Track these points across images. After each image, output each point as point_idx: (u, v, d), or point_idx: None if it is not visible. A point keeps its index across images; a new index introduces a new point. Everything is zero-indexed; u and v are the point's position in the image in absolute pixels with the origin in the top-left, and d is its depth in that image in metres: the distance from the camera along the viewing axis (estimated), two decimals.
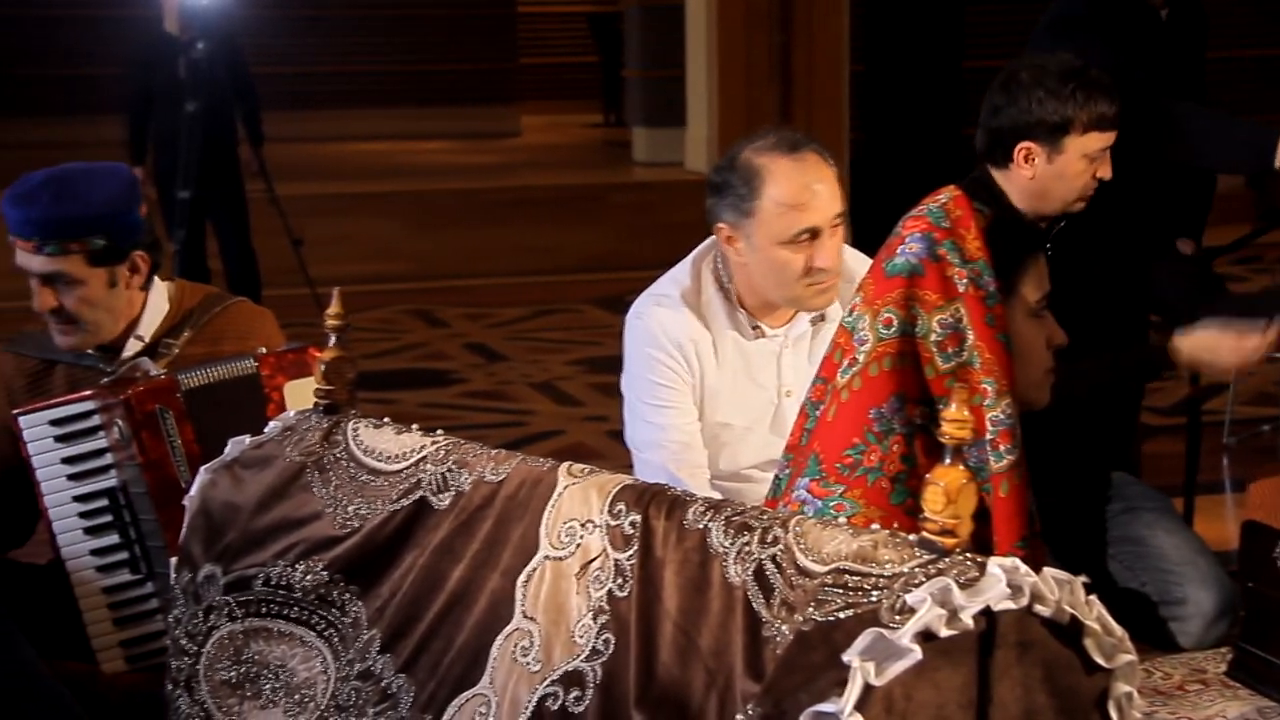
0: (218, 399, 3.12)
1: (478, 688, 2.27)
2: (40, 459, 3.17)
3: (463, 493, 2.38)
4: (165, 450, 3.10)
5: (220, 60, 7.13)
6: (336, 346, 2.60)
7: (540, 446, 5.64)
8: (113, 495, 3.16)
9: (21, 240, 3.17)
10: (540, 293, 9.07)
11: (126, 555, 3.17)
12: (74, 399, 3.18)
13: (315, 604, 2.45)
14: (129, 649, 3.20)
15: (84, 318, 3.21)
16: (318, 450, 2.54)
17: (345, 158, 12.62)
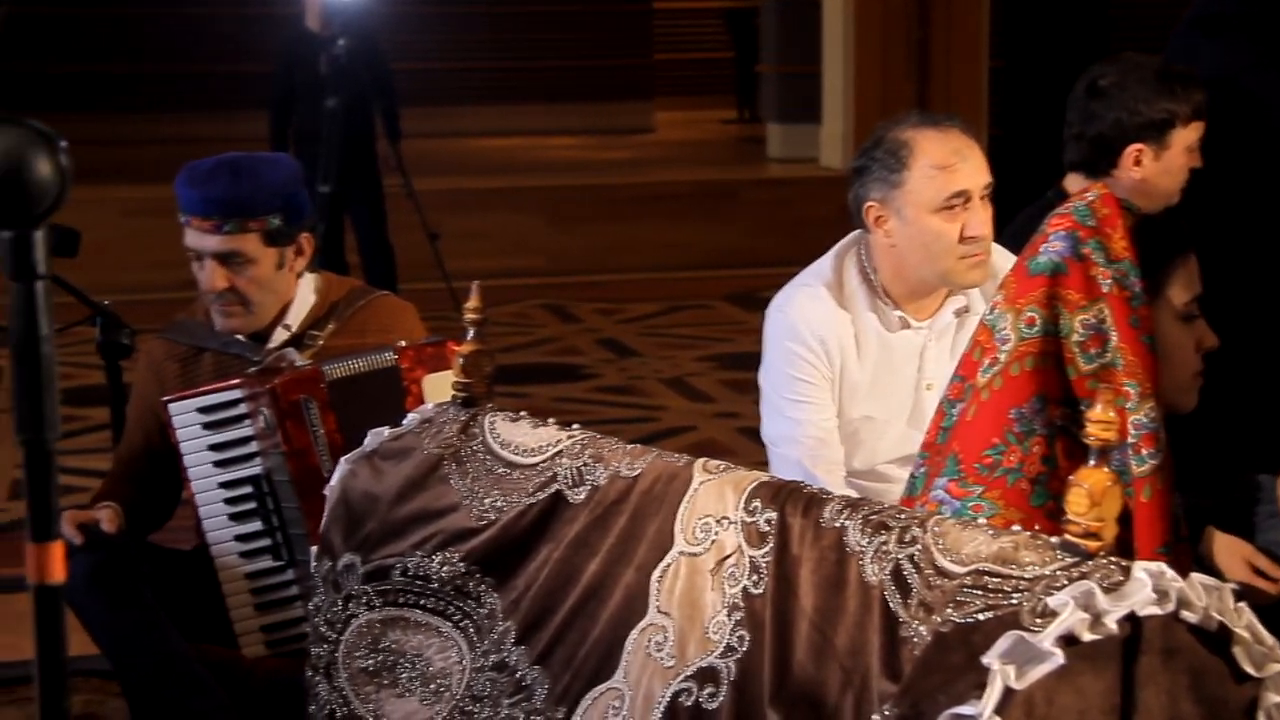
0: (359, 390, 3.16)
1: (611, 682, 2.28)
2: (188, 445, 3.23)
3: (598, 487, 2.38)
4: (309, 440, 3.14)
5: (361, 57, 7.23)
6: (475, 340, 2.62)
7: (671, 442, 5.64)
8: (257, 482, 3.21)
9: (199, 219, 3.23)
10: (673, 289, 9.07)
11: (269, 542, 3.23)
12: (221, 387, 3.24)
13: (451, 595, 2.47)
14: (269, 634, 3.25)
15: (252, 298, 3.28)
16: (455, 443, 2.56)
17: (481, 153, 12.72)
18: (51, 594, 1.16)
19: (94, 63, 13.02)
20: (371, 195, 7.61)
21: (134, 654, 3.13)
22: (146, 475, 3.40)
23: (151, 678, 3.11)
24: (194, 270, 3.31)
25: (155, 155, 10.90)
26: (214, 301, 3.28)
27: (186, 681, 3.12)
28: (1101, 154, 3.49)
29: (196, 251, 3.27)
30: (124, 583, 3.13)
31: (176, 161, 3.36)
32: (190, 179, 3.26)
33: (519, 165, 11.98)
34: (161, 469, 3.38)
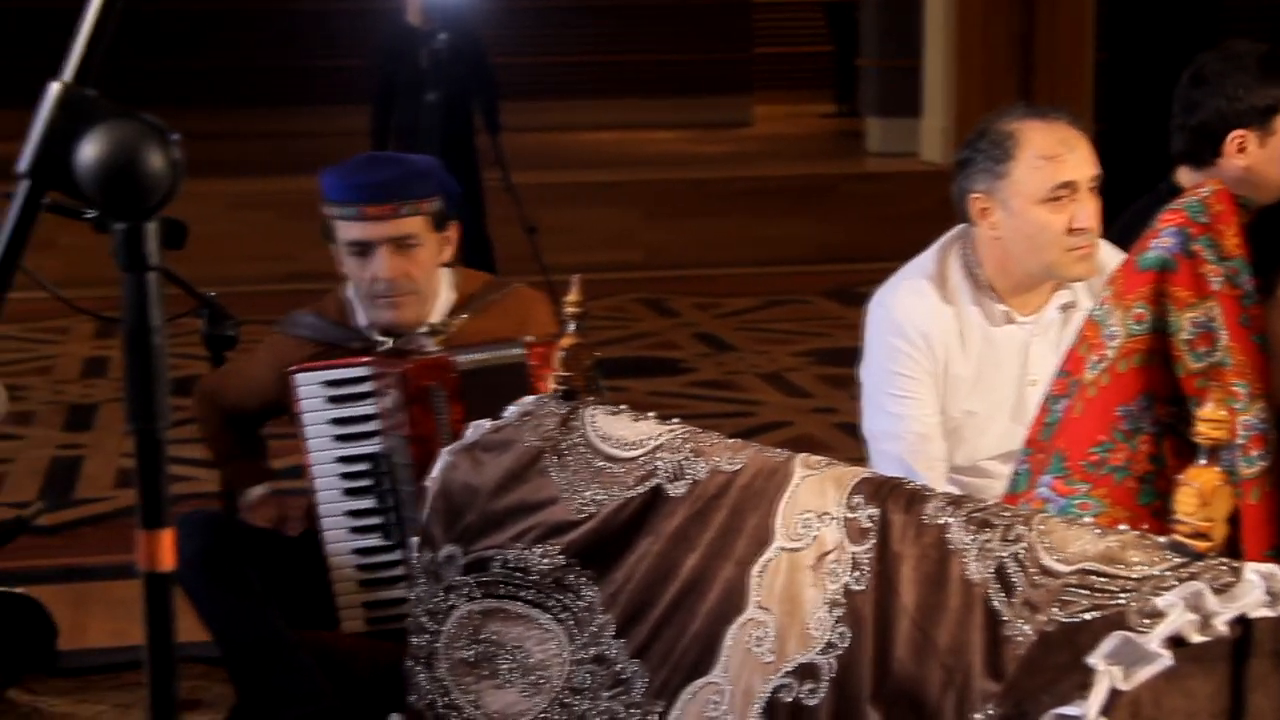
0: (487, 382, 3.16)
1: (710, 676, 2.27)
2: (310, 416, 3.26)
3: (698, 481, 2.38)
4: (434, 426, 3.15)
5: (461, 51, 7.26)
6: (575, 334, 2.62)
7: (767, 437, 5.62)
8: (375, 461, 3.24)
9: (374, 206, 3.24)
10: (770, 284, 9.04)
11: (380, 520, 3.25)
12: (351, 363, 3.26)
13: (551, 587, 2.48)
14: (370, 611, 3.27)
15: (420, 285, 3.29)
16: (555, 436, 2.56)
17: (579, 147, 12.75)
18: (161, 581, 1.18)
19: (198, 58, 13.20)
20: (471, 189, 7.64)
21: (239, 637, 3.17)
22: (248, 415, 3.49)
23: (256, 661, 3.15)
24: (348, 268, 3.30)
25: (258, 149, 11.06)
26: (383, 293, 3.28)
27: (290, 666, 3.15)
28: (1204, 143, 3.43)
29: (364, 243, 3.26)
30: (231, 567, 3.17)
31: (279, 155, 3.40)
32: (353, 169, 3.29)
33: (617, 159, 12.00)
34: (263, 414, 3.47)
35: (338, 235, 3.31)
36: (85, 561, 4.50)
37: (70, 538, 4.88)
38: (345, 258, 3.31)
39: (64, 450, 5.88)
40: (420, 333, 3.35)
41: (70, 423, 6.30)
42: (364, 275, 3.28)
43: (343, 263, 3.33)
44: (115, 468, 5.64)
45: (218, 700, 3.46)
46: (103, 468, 5.65)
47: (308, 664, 3.16)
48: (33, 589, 3.83)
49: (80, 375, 7.12)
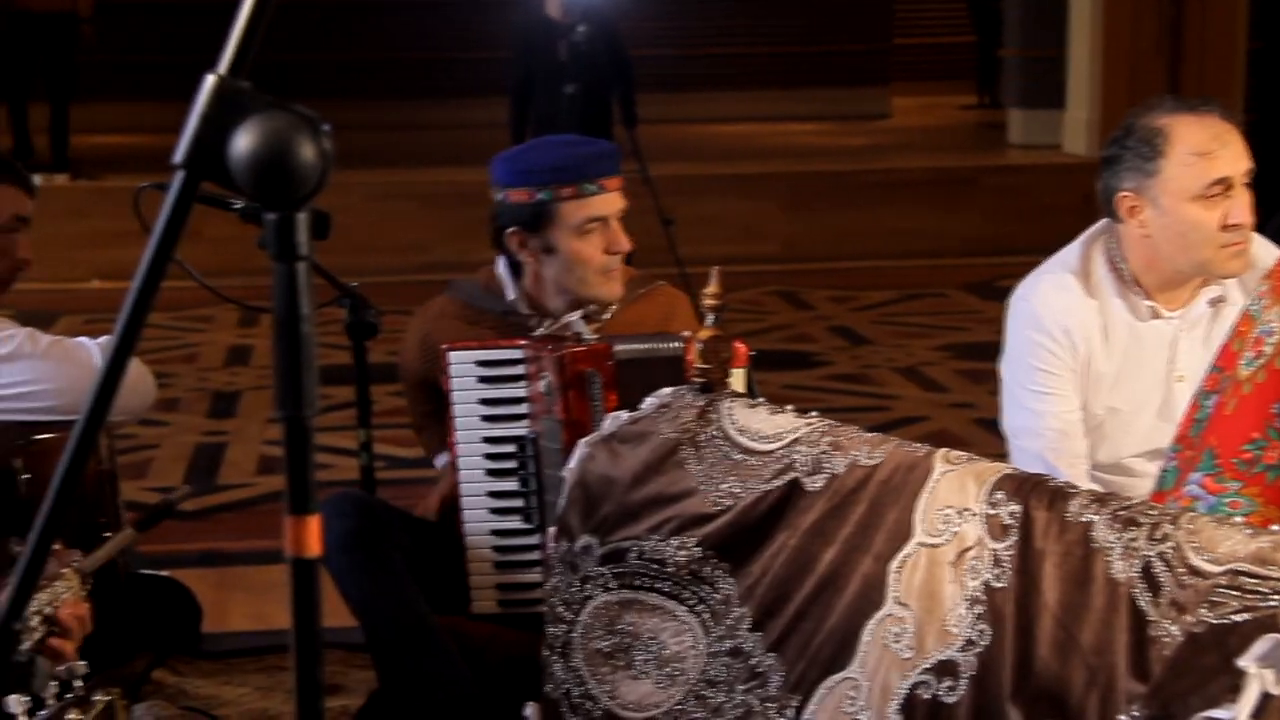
0: (644, 374, 3.16)
1: (847, 671, 2.26)
2: (459, 395, 3.28)
3: (836, 475, 2.36)
4: (589, 413, 3.16)
5: (600, 43, 7.28)
6: (713, 326, 2.62)
7: (904, 432, 5.57)
8: (521, 443, 3.25)
9: (611, 178, 3.29)
10: (908, 277, 8.96)
11: (522, 503, 3.26)
12: (505, 344, 3.28)
13: (687, 579, 2.48)
14: (503, 593, 3.28)
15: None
16: (693, 428, 2.56)
17: (715, 139, 12.74)
18: (307, 567, 1.19)
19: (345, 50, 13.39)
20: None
21: (383, 619, 3.20)
22: None
23: (399, 643, 3.19)
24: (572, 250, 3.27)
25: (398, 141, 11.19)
26: (615, 266, 3.30)
27: (432, 651, 3.18)
28: None
29: (605, 218, 3.28)
30: (377, 548, 3.21)
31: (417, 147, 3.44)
32: (569, 146, 3.34)
33: (754, 151, 11.96)
34: None
35: (563, 218, 3.27)
36: (227, 546, 4.58)
37: (213, 523, 4.97)
38: (573, 240, 3.25)
39: (208, 437, 6.00)
40: (574, 317, 3.37)
41: (214, 410, 6.41)
42: (595, 252, 3.27)
43: (557, 248, 3.31)
44: (257, 454, 5.74)
45: (357, 686, 3.50)
46: (245, 454, 5.75)
47: (449, 649, 3.19)
48: (176, 572, 3.91)
49: (224, 363, 7.25)
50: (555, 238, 3.28)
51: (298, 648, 1.19)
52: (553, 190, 3.26)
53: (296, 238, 1.14)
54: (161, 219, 1.16)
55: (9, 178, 3.30)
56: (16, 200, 3.31)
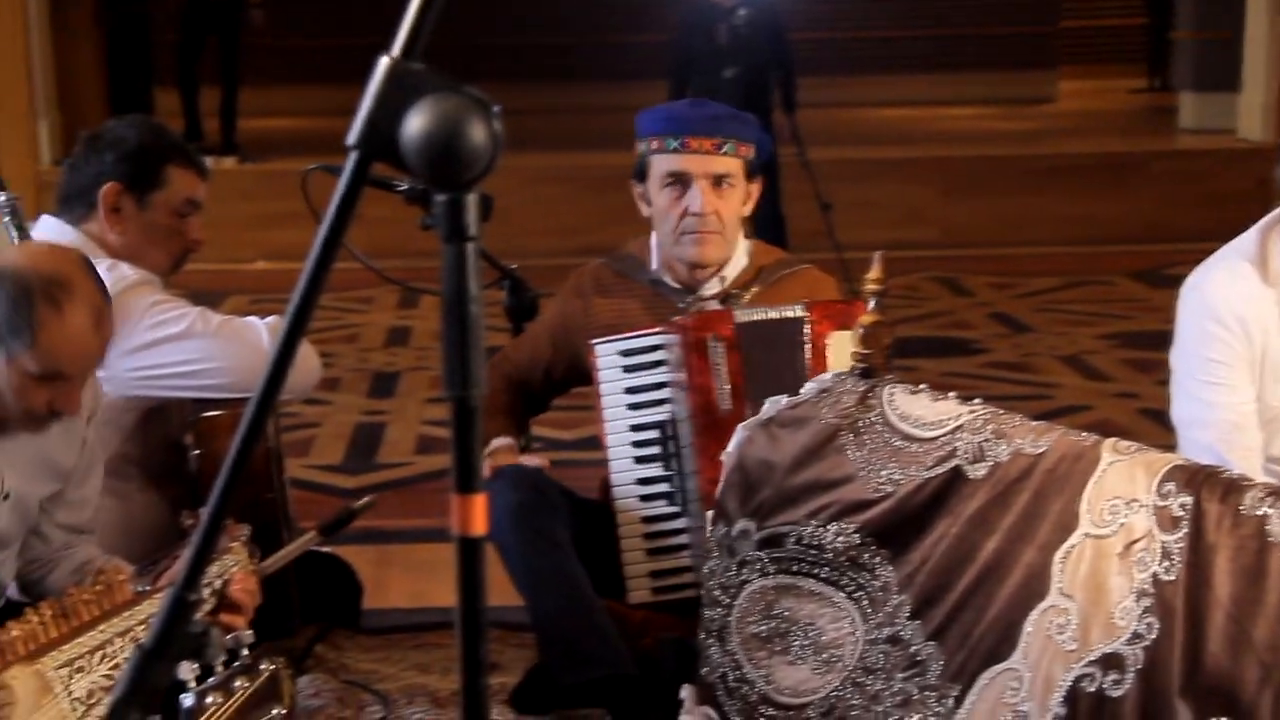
0: (765, 336, 3.19)
1: (1009, 662, 2.23)
2: (607, 387, 3.33)
3: (1000, 463, 2.33)
4: (710, 377, 3.19)
5: (761, 27, 7.26)
6: (875, 311, 2.60)
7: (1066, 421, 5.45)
8: (663, 428, 3.28)
9: (700, 139, 3.31)
10: (1071, 263, 8.80)
11: (667, 487, 3.28)
12: (644, 332, 3.32)
13: (845, 565, 2.46)
14: (656, 580, 3.30)
15: (726, 227, 3.35)
16: (853, 413, 2.54)
17: (877, 123, 12.63)
18: (473, 545, 1.19)
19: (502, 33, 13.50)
20: (766, 165, 7.63)
21: (547, 595, 3.23)
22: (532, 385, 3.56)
23: (561, 618, 3.21)
24: (658, 204, 3.36)
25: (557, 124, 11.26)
26: (692, 229, 3.33)
27: (594, 628, 3.20)
28: None
29: (683, 175, 3.32)
30: (543, 523, 3.24)
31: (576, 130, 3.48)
32: (679, 106, 3.38)
33: (915, 135, 11.84)
34: (544, 385, 3.54)
35: (652, 169, 3.37)
36: (386, 525, 4.64)
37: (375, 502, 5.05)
38: (657, 193, 3.36)
39: (368, 416, 6.09)
40: (709, 293, 3.38)
41: (374, 389, 6.51)
42: (675, 209, 3.33)
43: (651, 200, 3.38)
44: (416, 434, 5.81)
45: (513, 664, 3.53)
46: (404, 434, 5.83)
47: (610, 628, 3.21)
48: (338, 549, 3.97)
49: (384, 344, 7.36)
50: (650, 190, 3.36)
51: (463, 624, 1.20)
52: (648, 142, 3.38)
53: (466, 219, 1.15)
54: (335, 199, 1.18)
55: (184, 162, 3.39)
56: (191, 184, 3.39)
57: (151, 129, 3.41)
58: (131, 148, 3.33)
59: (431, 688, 3.54)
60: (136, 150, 3.33)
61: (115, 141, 3.34)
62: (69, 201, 3.36)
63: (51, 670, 2.23)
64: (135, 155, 3.33)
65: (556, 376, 3.55)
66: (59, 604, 2.31)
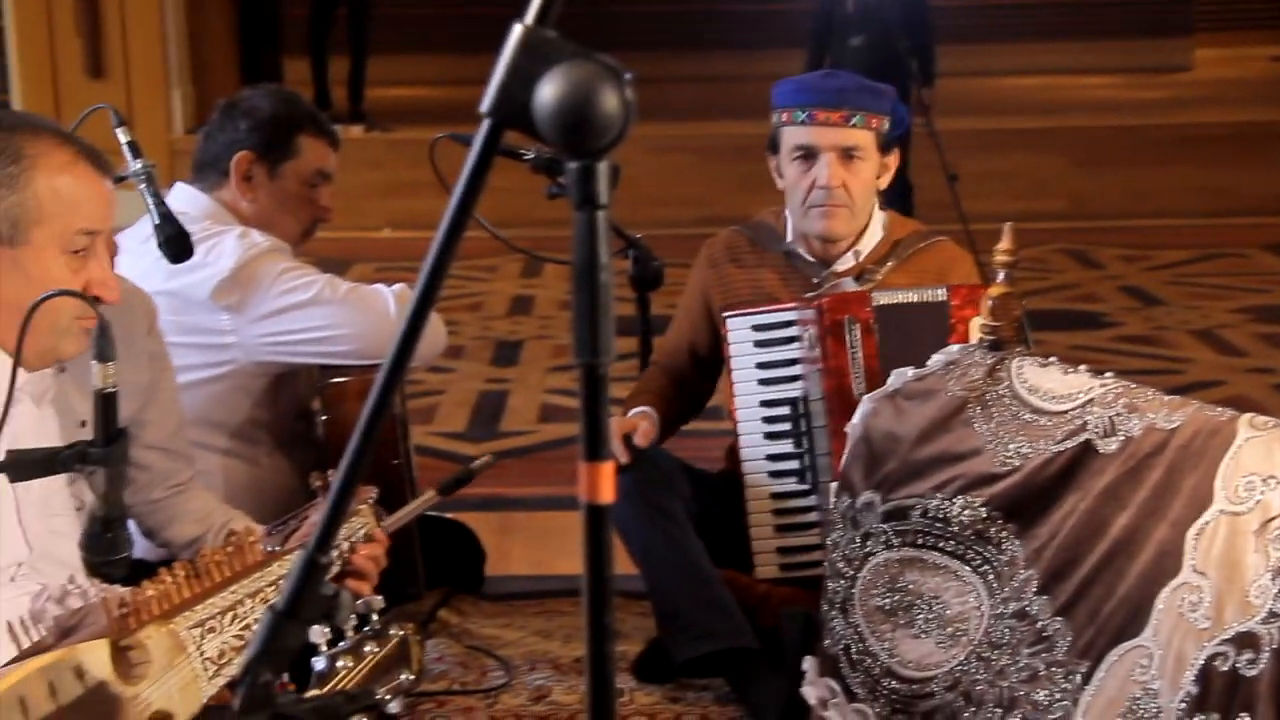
0: (904, 320, 3.16)
1: (1139, 639, 2.19)
2: (738, 361, 3.32)
3: (1132, 438, 2.29)
4: (846, 360, 3.16)
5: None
6: (1005, 282, 2.56)
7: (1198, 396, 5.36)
8: (794, 405, 3.27)
9: (827, 110, 3.30)
10: (1205, 236, 8.62)
11: (797, 465, 3.27)
12: (777, 308, 3.31)
13: (972, 539, 2.44)
14: (784, 556, 3.29)
15: (856, 201, 3.32)
16: (981, 386, 2.51)
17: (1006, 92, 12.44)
18: (600, 513, 1.20)
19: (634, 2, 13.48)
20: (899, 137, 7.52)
21: (664, 569, 3.24)
22: (683, 371, 3.54)
23: (680, 592, 3.22)
24: (788, 176, 3.34)
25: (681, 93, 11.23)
26: (819, 202, 3.31)
27: (713, 602, 3.21)
28: None
29: (810, 148, 3.31)
30: (659, 497, 3.24)
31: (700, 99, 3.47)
32: (811, 77, 3.37)
33: (1045, 105, 11.65)
34: (697, 369, 3.52)
35: (783, 142, 3.35)
36: (508, 492, 4.67)
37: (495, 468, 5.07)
38: (787, 165, 3.35)
39: (491, 384, 6.13)
40: (843, 267, 3.36)
41: (497, 358, 6.56)
42: (804, 182, 3.31)
43: (782, 173, 3.37)
44: (539, 403, 5.85)
45: (633, 632, 3.54)
46: (527, 402, 5.86)
47: (729, 601, 3.21)
48: (460, 515, 4.01)
49: (507, 312, 7.41)
50: (781, 163, 3.34)
51: (590, 592, 1.20)
52: (778, 114, 3.36)
53: (597, 187, 1.15)
54: (467, 166, 1.18)
55: (316, 132, 3.42)
56: (322, 154, 3.42)
57: (285, 99, 3.45)
58: (265, 117, 3.38)
59: (553, 654, 3.56)
60: (269, 120, 3.37)
61: (249, 110, 3.39)
62: (203, 169, 3.41)
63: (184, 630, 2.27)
64: (268, 124, 3.37)
65: (703, 354, 3.53)
66: (192, 564, 2.35)
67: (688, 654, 3.21)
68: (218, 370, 3.29)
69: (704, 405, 3.63)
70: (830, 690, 2.53)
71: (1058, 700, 2.29)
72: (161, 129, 9.50)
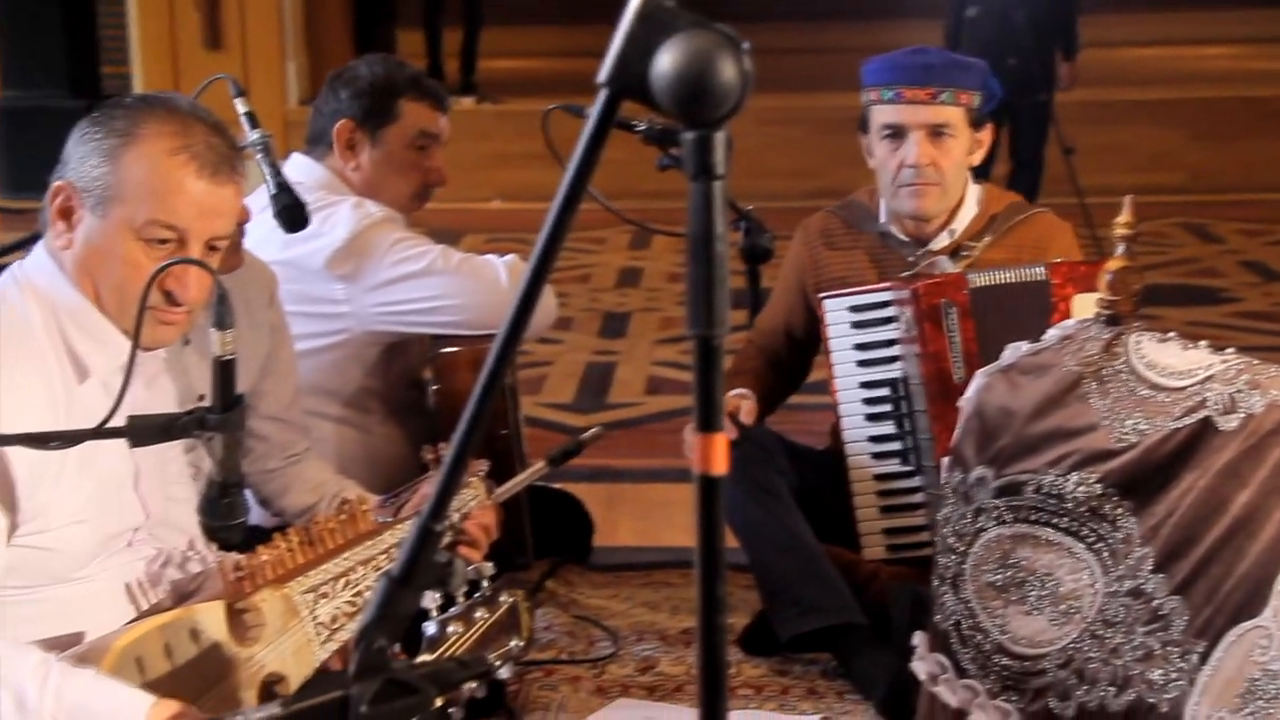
0: (1002, 301, 3.12)
1: (1258, 620, 2.16)
2: (836, 343, 3.31)
3: (1253, 415, 2.25)
4: (944, 344, 3.13)
5: None
6: (1125, 256, 2.52)
7: None
8: (895, 386, 3.25)
9: (914, 88, 3.26)
10: None
11: (899, 446, 3.26)
12: (874, 289, 3.29)
13: (1086, 516, 2.41)
14: (890, 538, 3.28)
15: (947, 179, 3.29)
16: (1097, 361, 2.48)
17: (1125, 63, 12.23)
18: (713, 484, 1.19)
19: None
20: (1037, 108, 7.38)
21: (768, 546, 3.24)
22: (779, 351, 3.53)
23: (784, 569, 3.22)
24: (878, 155, 3.31)
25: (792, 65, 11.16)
26: (909, 181, 3.28)
27: (818, 578, 3.20)
28: None
29: (899, 127, 3.27)
30: (762, 474, 3.24)
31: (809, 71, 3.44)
32: (898, 55, 3.31)
33: (1165, 76, 11.45)
34: (793, 349, 3.50)
35: (872, 121, 3.32)
36: (616, 464, 4.69)
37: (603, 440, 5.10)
38: (876, 144, 3.32)
39: (598, 356, 6.15)
40: (938, 246, 3.32)
41: (605, 329, 6.57)
42: (893, 162, 3.27)
43: (873, 152, 3.34)
44: (646, 375, 5.86)
45: (740, 606, 3.54)
46: (634, 374, 5.88)
47: (834, 577, 3.20)
48: (568, 486, 4.03)
49: (615, 284, 7.42)
50: (871, 142, 3.31)
51: (702, 563, 1.20)
52: (867, 93, 3.33)
53: (713, 157, 1.14)
54: (584, 137, 1.18)
55: (417, 95, 3.43)
56: (425, 117, 3.43)
57: (385, 65, 3.47)
58: (364, 85, 3.40)
59: (660, 625, 3.57)
60: (369, 87, 3.40)
61: (350, 80, 3.42)
62: (314, 140, 3.45)
63: (298, 595, 2.30)
64: (367, 92, 3.39)
65: (799, 334, 3.52)
66: (305, 531, 2.38)
67: (794, 630, 3.21)
68: (331, 339, 3.33)
69: (800, 384, 3.61)
70: (940, 665, 2.51)
71: (1173, 680, 2.26)
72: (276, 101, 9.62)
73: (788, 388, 3.59)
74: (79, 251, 2.25)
